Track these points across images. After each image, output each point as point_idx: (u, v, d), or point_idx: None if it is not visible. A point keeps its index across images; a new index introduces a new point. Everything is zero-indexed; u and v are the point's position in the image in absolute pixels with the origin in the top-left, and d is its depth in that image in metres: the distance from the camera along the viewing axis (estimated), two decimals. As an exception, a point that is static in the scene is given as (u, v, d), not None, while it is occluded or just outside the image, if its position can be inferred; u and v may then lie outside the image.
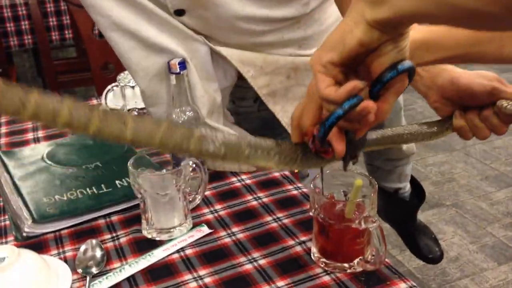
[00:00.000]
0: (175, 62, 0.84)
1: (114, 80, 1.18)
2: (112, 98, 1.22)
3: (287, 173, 0.91)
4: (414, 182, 1.50)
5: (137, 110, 1.17)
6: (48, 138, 1.09)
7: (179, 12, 0.84)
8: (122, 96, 1.18)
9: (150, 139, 0.50)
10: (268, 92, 0.96)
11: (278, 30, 0.92)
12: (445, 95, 0.69)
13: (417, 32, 0.60)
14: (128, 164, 0.75)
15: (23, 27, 2.54)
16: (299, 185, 0.88)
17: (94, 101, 1.30)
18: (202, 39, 0.89)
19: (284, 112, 0.98)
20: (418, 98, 2.83)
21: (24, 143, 1.07)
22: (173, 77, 0.85)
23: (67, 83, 2.53)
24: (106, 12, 0.83)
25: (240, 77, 0.97)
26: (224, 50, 0.91)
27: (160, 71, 0.88)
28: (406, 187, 1.45)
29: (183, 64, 0.84)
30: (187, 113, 0.87)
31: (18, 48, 2.63)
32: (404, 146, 1.28)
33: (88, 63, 1.90)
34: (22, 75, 3.48)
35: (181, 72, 0.84)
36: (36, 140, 1.09)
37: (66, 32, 2.61)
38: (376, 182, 0.68)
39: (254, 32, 0.90)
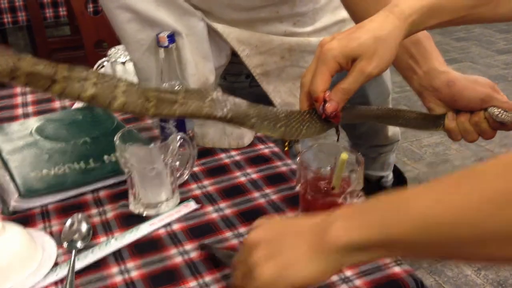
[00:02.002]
0: (163, 35, 0.82)
1: (107, 57, 1.17)
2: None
3: (276, 149, 0.91)
4: (396, 171, 1.50)
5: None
6: (38, 113, 1.08)
7: None
8: (112, 72, 1.17)
9: (170, 110, 0.57)
10: (262, 71, 0.96)
11: (274, 5, 0.92)
12: (440, 97, 0.71)
13: None
14: (115, 138, 0.75)
15: (17, 3, 2.51)
16: (288, 161, 0.87)
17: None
18: (200, 15, 0.89)
19: (276, 92, 0.98)
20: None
21: (14, 118, 1.07)
22: (161, 50, 0.83)
23: (61, 61, 2.51)
24: None
25: (234, 54, 0.96)
26: (221, 28, 0.90)
27: (153, 44, 0.88)
28: (389, 176, 1.45)
29: (171, 38, 0.83)
30: (176, 87, 0.86)
31: (12, 25, 2.60)
32: (390, 132, 1.28)
33: (82, 41, 1.88)
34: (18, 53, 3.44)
35: (170, 46, 0.83)
36: (26, 115, 1.08)
37: (60, 9, 2.58)
38: (362, 158, 0.68)
39: (251, 7, 0.90)
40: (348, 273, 0.63)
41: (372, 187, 1.44)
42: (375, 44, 0.59)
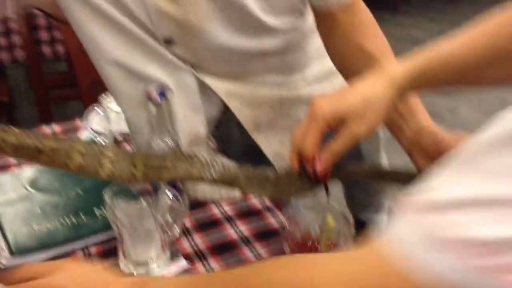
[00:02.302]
0: (154, 91, 0.84)
1: (103, 99, 1.18)
2: (97, 121, 1.23)
3: (267, 202, 0.91)
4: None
5: (122, 134, 1.17)
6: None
7: (169, 41, 0.85)
8: (106, 120, 1.19)
9: (159, 176, 0.60)
10: (253, 123, 0.97)
11: (263, 58, 0.94)
12: (428, 154, 0.72)
13: (413, 62, 0.64)
14: (104, 194, 0.75)
15: (15, 41, 2.55)
16: (279, 215, 0.88)
17: (78, 121, 1.30)
18: (190, 69, 0.90)
19: (267, 142, 0.99)
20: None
21: (6, 167, 1.07)
22: (152, 106, 0.84)
23: (58, 98, 2.54)
24: (95, 39, 0.84)
25: (225, 105, 0.97)
26: (210, 81, 0.92)
27: (144, 98, 0.88)
28: (383, 218, 1.44)
29: (162, 94, 0.84)
30: (167, 142, 0.87)
31: (10, 63, 2.63)
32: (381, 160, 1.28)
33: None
34: (16, 88, 3.47)
35: (160, 102, 0.84)
36: (18, 164, 1.08)
37: (58, 46, 2.61)
38: (351, 216, 0.69)
39: (240, 61, 0.92)
40: None
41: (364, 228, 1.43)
42: (365, 107, 0.60)
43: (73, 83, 2.54)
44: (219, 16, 0.82)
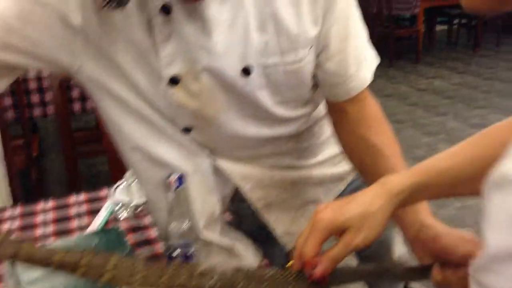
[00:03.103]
0: (173, 178, 0.89)
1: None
2: (120, 193, 1.29)
3: None
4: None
5: (143, 205, 1.23)
6: (56, 234, 1.14)
7: (187, 129, 0.89)
8: (129, 191, 1.25)
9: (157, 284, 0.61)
10: (264, 204, 1.00)
11: (277, 142, 0.97)
12: (427, 250, 0.75)
13: (410, 177, 0.67)
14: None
15: (48, 98, 2.67)
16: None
17: (105, 192, 1.36)
18: (206, 154, 0.94)
19: (278, 222, 1.02)
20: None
21: (33, 239, 1.13)
22: (170, 192, 0.90)
23: (85, 153, 2.64)
24: (117, 124, 0.88)
25: (238, 184, 1.01)
26: (225, 165, 0.96)
27: (161, 181, 0.93)
28: None
29: (181, 180, 0.90)
30: (184, 225, 0.92)
31: (41, 118, 2.76)
32: (397, 255, 1.29)
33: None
34: (46, 140, 3.61)
35: (178, 188, 0.90)
36: (45, 236, 1.14)
37: (88, 102, 2.72)
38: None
39: (254, 146, 0.96)
40: None
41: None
42: (364, 219, 0.64)
43: (99, 138, 2.65)
44: (234, 108, 0.86)
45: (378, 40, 6.23)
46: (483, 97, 4.52)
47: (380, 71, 6.02)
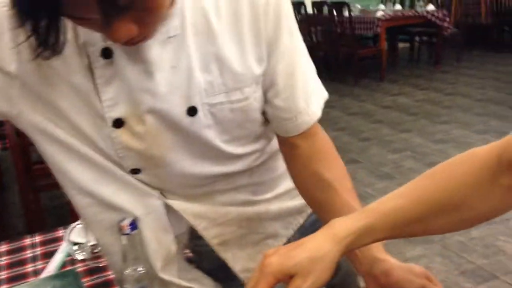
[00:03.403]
0: (125, 223, 0.86)
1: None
2: (76, 233, 1.25)
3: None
4: None
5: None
6: (10, 280, 1.10)
7: (135, 171, 0.87)
8: (85, 232, 1.21)
9: None
10: (220, 242, 0.98)
11: (230, 178, 0.95)
12: (379, 284, 0.75)
13: (356, 220, 0.67)
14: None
15: (6, 130, 2.61)
16: None
17: (60, 232, 1.32)
18: (157, 194, 0.92)
19: (235, 260, 1.00)
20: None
21: (-14, 288, 1.09)
22: (124, 237, 0.87)
23: (46, 186, 2.56)
24: (62, 169, 0.85)
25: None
26: (177, 205, 0.94)
27: (113, 225, 0.90)
28: None
29: (133, 225, 0.87)
30: (139, 270, 0.89)
31: (1, 151, 2.69)
32: (362, 284, 1.29)
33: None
34: (6, 173, 3.52)
35: (131, 233, 0.87)
36: (-2, 283, 1.10)
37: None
38: None
39: (206, 183, 0.94)
40: None
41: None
42: (312, 265, 0.63)
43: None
44: (182, 148, 0.85)
45: (343, 60, 6.35)
46: (445, 113, 4.62)
47: (345, 90, 6.11)
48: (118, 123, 0.79)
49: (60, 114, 0.79)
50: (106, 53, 0.74)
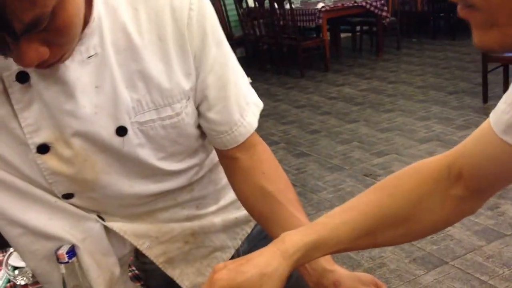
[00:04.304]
0: (62, 252, 0.82)
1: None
2: (15, 258, 1.19)
3: None
4: None
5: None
6: None
7: (67, 196, 0.83)
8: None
9: None
10: (165, 259, 0.95)
11: (171, 195, 0.92)
12: None
13: (305, 235, 0.66)
14: None
15: None
16: None
17: (-1, 257, 1.25)
18: (94, 217, 0.88)
19: (183, 276, 0.98)
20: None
21: None
22: (62, 266, 0.83)
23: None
24: None
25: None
26: (116, 226, 0.90)
27: (49, 254, 0.85)
28: None
29: (71, 252, 0.83)
30: (81, 298, 0.85)
31: None
32: None
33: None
34: None
35: (70, 261, 0.83)
36: None
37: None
38: None
39: (146, 202, 0.90)
40: None
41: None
42: (261, 281, 0.62)
43: None
44: (116, 169, 0.81)
45: (287, 52, 6.38)
46: (389, 101, 4.73)
47: (292, 82, 6.15)
48: (43, 148, 0.75)
49: None
50: (22, 77, 0.70)
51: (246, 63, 6.24)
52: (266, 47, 6.85)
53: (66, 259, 0.82)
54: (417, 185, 0.66)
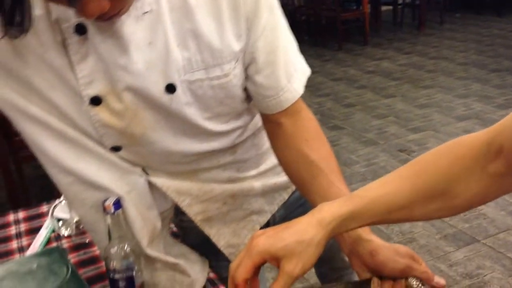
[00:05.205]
0: (109, 203, 0.86)
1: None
2: (60, 210, 1.25)
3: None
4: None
5: (85, 222, 1.19)
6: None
7: (116, 148, 0.86)
8: (70, 208, 1.21)
9: None
10: (204, 218, 0.98)
11: (214, 156, 0.95)
12: (365, 264, 0.76)
13: (342, 205, 0.67)
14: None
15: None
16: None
17: (44, 208, 1.31)
18: (139, 171, 0.91)
19: (219, 235, 1.00)
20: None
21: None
22: (108, 217, 0.87)
23: (27, 158, 2.53)
24: (42, 148, 0.83)
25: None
26: (160, 182, 0.93)
27: (97, 203, 0.89)
28: None
29: (117, 204, 0.86)
30: (125, 248, 0.89)
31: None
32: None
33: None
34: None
35: (116, 212, 0.87)
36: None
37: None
38: None
39: (190, 161, 0.93)
40: None
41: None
42: (299, 248, 0.64)
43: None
44: (163, 126, 0.84)
45: (326, 24, 6.28)
46: (429, 77, 4.63)
47: (329, 55, 6.05)
48: (96, 100, 0.78)
49: (35, 92, 0.77)
50: (80, 29, 0.72)
51: (284, 33, 6.17)
52: (304, 17, 6.76)
53: (113, 210, 0.86)
54: (455, 160, 0.66)
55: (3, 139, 2.41)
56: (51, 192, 0.89)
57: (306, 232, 0.65)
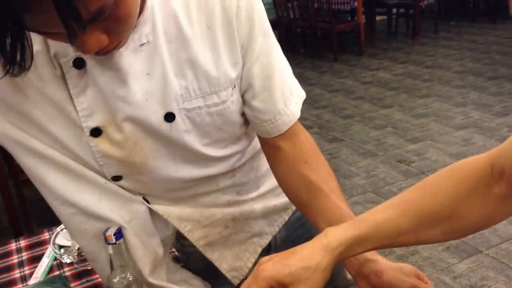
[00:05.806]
0: (110, 233, 0.86)
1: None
2: (62, 237, 1.24)
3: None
4: None
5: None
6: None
7: (117, 178, 0.87)
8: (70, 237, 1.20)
9: None
10: (206, 243, 0.98)
11: (213, 180, 0.95)
12: (370, 284, 0.76)
13: (347, 230, 0.67)
14: None
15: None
16: None
17: (46, 235, 1.31)
18: (140, 200, 0.92)
19: (222, 259, 1.00)
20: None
21: (-27, 298, 1.08)
22: (109, 247, 0.87)
23: (28, 181, 2.53)
24: (43, 180, 0.84)
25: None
26: (161, 209, 0.93)
27: (98, 234, 0.89)
28: None
29: (119, 234, 0.87)
30: (128, 277, 0.89)
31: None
32: (349, 275, 1.30)
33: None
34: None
35: (117, 242, 0.87)
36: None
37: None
38: None
39: (189, 187, 0.93)
40: None
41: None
42: (305, 274, 0.64)
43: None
44: (163, 153, 0.85)
45: (321, 35, 6.32)
46: (425, 86, 4.65)
47: (325, 66, 6.08)
48: (96, 132, 0.79)
49: (36, 126, 0.78)
50: (79, 63, 0.73)
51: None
52: (300, 30, 6.80)
53: (114, 240, 0.86)
54: (459, 183, 0.67)
55: (3, 162, 2.41)
56: (52, 215, 0.89)
57: (311, 257, 0.65)
